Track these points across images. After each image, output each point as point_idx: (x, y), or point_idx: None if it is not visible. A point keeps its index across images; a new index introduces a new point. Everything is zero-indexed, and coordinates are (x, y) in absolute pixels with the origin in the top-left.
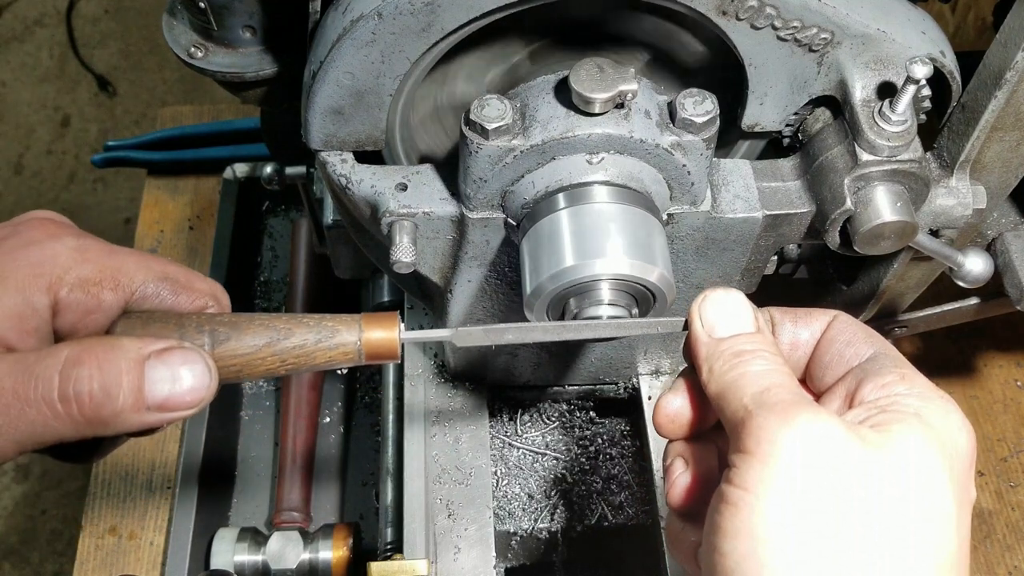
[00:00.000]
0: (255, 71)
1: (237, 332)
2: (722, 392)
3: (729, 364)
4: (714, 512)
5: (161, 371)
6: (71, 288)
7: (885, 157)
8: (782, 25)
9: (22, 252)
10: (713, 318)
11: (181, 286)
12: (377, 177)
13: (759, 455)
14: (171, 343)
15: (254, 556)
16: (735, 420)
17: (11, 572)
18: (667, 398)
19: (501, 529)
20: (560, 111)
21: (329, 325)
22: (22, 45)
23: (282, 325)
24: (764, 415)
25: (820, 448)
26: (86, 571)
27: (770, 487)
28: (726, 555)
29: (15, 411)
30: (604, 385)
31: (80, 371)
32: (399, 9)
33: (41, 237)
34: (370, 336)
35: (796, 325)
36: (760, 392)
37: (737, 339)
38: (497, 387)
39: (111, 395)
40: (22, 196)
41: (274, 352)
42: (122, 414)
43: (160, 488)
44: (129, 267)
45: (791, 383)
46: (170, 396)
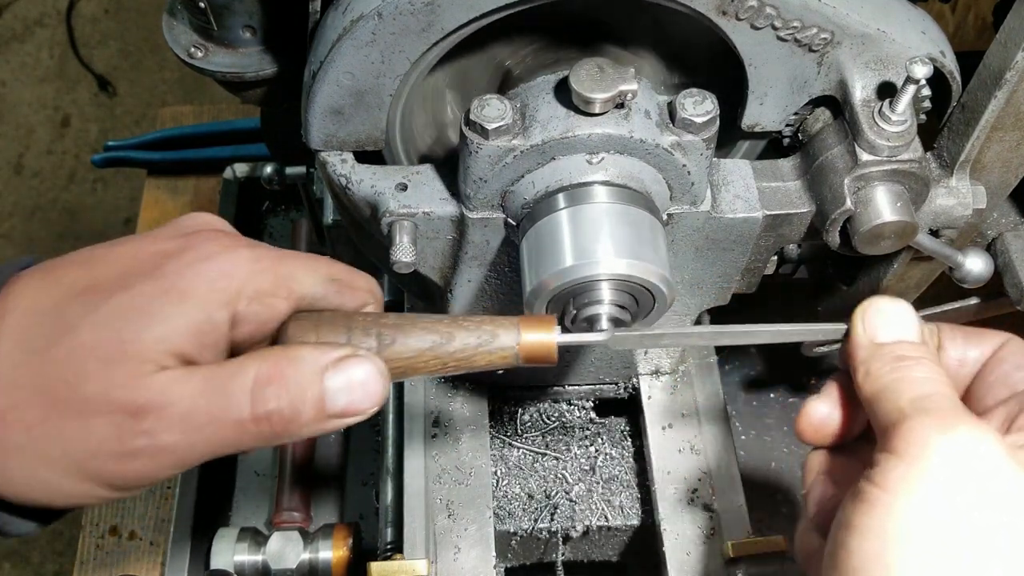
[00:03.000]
0: (255, 71)
1: (402, 335)
2: (878, 394)
3: (889, 367)
4: (846, 508)
5: (339, 380)
6: (249, 301)
7: (885, 157)
8: (782, 25)
9: (201, 267)
10: (876, 324)
11: (345, 286)
12: (377, 177)
13: (907, 456)
14: (346, 351)
15: (254, 556)
16: (887, 422)
17: (11, 572)
18: (814, 404)
19: (501, 529)
20: (560, 111)
21: (488, 328)
22: (22, 45)
23: (444, 328)
24: (920, 419)
25: (973, 460)
26: (86, 571)
27: (911, 489)
28: (852, 553)
29: (209, 431)
30: (604, 385)
31: (269, 391)
32: (399, 9)
33: (217, 250)
34: (528, 339)
35: (967, 343)
36: (919, 397)
37: (899, 344)
38: (497, 387)
39: (298, 411)
40: (22, 196)
41: (436, 356)
42: (306, 426)
43: (160, 488)
44: (299, 273)
45: (952, 394)
46: (349, 404)
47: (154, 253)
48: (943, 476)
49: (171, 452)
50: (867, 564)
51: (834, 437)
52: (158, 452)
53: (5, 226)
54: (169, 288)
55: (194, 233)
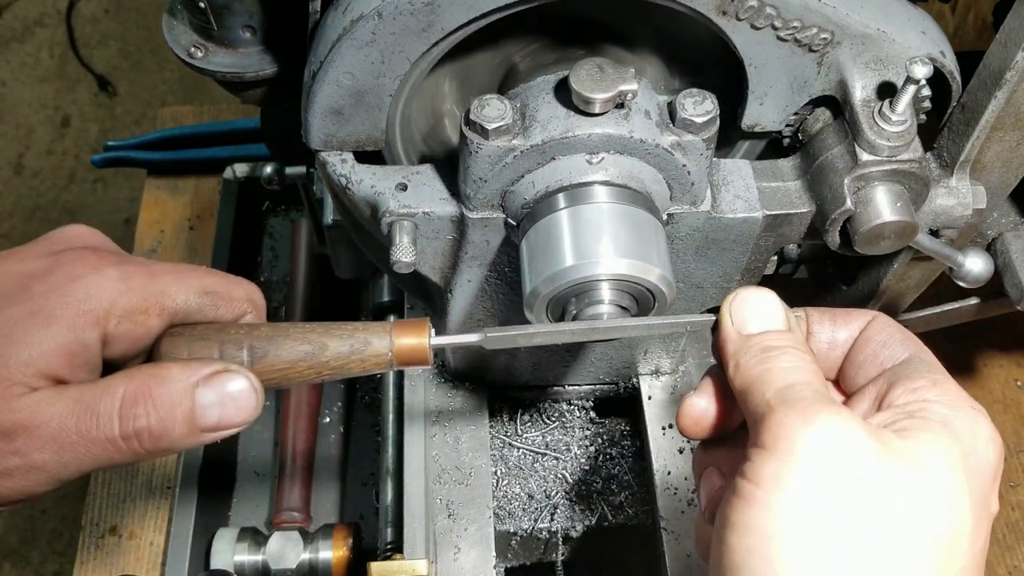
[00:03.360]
0: (255, 71)
1: (274, 347)
2: (747, 387)
3: (757, 359)
4: (725, 505)
5: (210, 396)
6: (119, 320)
7: (885, 157)
8: (782, 25)
9: (68, 287)
10: (744, 315)
11: (220, 298)
12: (377, 177)
13: (776, 452)
14: (217, 367)
15: (254, 556)
16: (756, 415)
17: (11, 572)
18: (692, 399)
19: (501, 529)
20: (560, 111)
21: (361, 336)
22: (22, 45)
23: (316, 338)
24: (784, 411)
25: (837, 450)
26: (86, 571)
27: (783, 485)
28: (733, 549)
29: (81, 449)
30: (604, 385)
31: (137, 409)
32: (399, 9)
33: (84, 270)
34: (401, 343)
35: (835, 325)
36: (784, 388)
37: (766, 335)
38: (497, 387)
39: (167, 428)
40: (22, 196)
41: (310, 366)
42: (178, 441)
43: (160, 488)
44: (171, 289)
45: (816, 381)
46: (221, 419)
47: (20, 274)
48: (810, 468)
49: (43, 470)
50: (748, 559)
51: (713, 429)
52: (30, 470)
53: (5, 226)
54: (36, 311)
55: (61, 252)
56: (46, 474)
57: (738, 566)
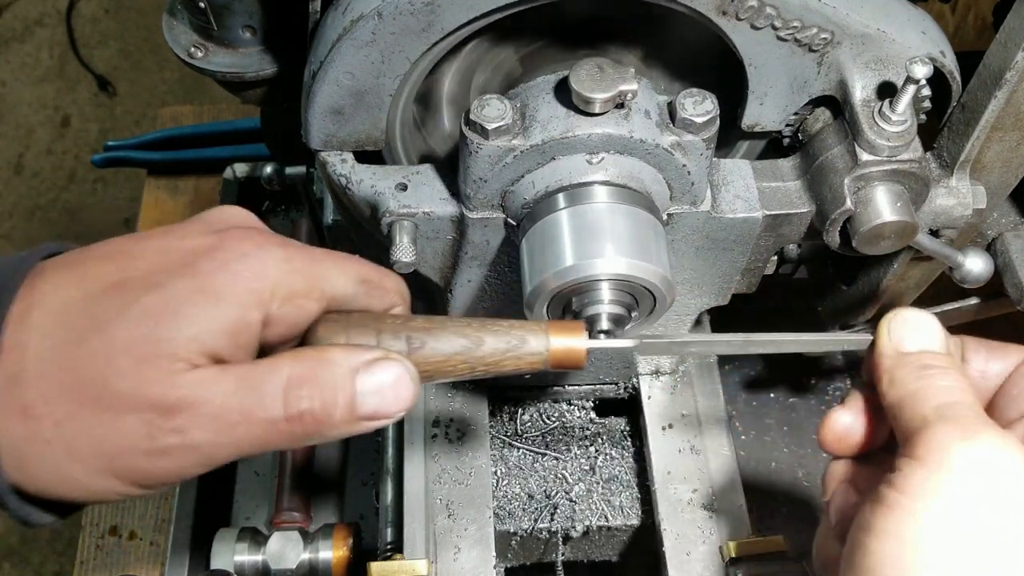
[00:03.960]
0: (255, 71)
1: (432, 339)
2: (901, 401)
3: (914, 375)
4: (866, 510)
5: (370, 383)
6: (281, 302)
7: (885, 157)
8: (782, 25)
9: (236, 267)
10: (902, 334)
11: (374, 286)
12: (377, 177)
13: (928, 463)
14: (377, 354)
15: (254, 556)
16: (910, 429)
17: (11, 572)
18: (836, 414)
19: (501, 529)
20: (560, 111)
21: (518, 333)
22: (22, 45)
23: (473, 333)
24: (943, 426)
25: (995, 468)
26: (86, 571)
27: (931, 494)
28: (870, 553)
29: (242, 429)
30: (604, 385)
31: (302, 391)
32: (399, 9)
33: (250, 249)
34: (557, 344)
35: (990, 356)
36: (942, 405)
37: (924, 354)
38: (497, 387)
39: (329, 412)
40: (22, 196)
41: (466, 360)
42: (337, 427)
43: None
44: (331, 274)
45: (975, 404)
46: (379, 407)
47: (186, 250)
48: (964, 483)
49: (200, 450)
50: (883, 565)
51: (856, 447)
52: (188, 450)
53: (5, 226)
54: (203, 287)
55: (226, 231)
56: (202, 454)
57: (871, 570)
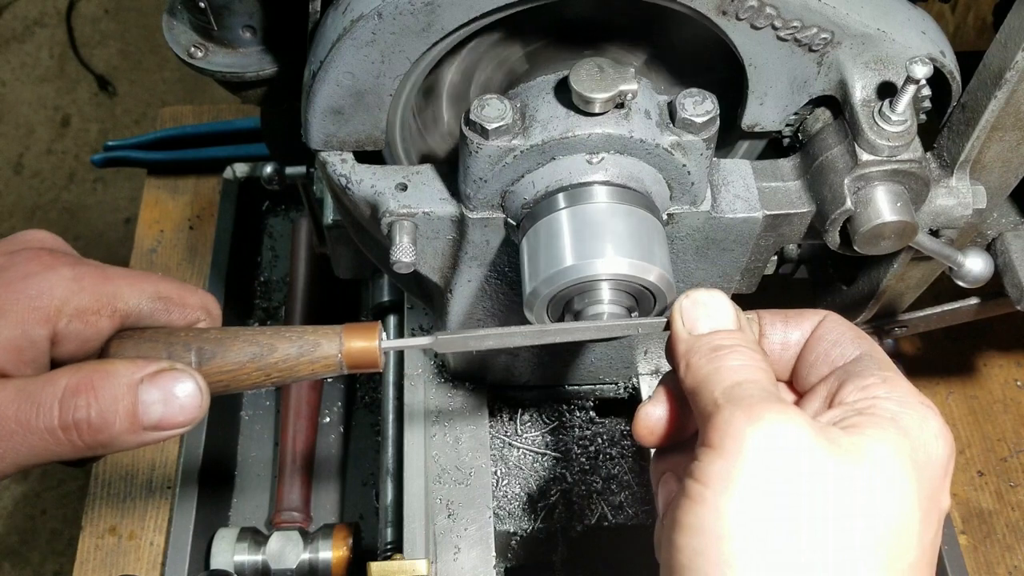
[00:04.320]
0: (255, 71)
1: (222, 349)
2: (697, 386)
3: (707, 358)
4: (674, 506)
5: (154, 393)
6: (69, 319)
7: (885, 157)
8: (782, 25)
9: (20, 285)
10: (694, 316)
11: (174, 303)
12: (377, 177)
13: (722, 451)
14: (162, 365)
15: (254, 556)
16: (705, 414)
17: (11, 572)
18: (646, 408)
19: (501, 529)
20: (560, 111)
21: (311, 338)
22: (22, 45)
23: (265, 340)
24: (731, 410)
25: (784, 448)
26: (86, 571)
27: (730, 484)
28: (680, 550)
29: (18, 438)
30: (604, 385)
31: (78, 400)
32: (399, 9)
33: (38, 269)
34: (351, 347)
35: (787, 326)
36: (731, 387)
37: (716, 335)
38: (497, 387)
39: (108, 421)
40: (22, 196)
41: (258, 367)
42: (119, 437)
43: (160, 488)
44: (124, 291)
45: (766, 380)
46: (163, 417)
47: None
48: (757, 467)
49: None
50: (696, 559)
51: (667, 437)
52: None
53: (5, 226)
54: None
55: (17, 251)
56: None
57: (686, 567)
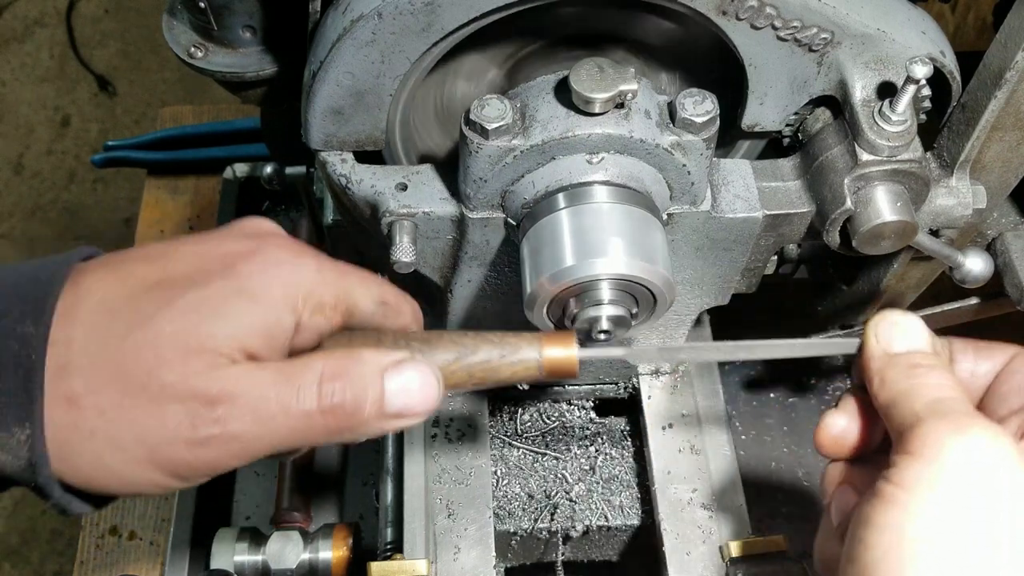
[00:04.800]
0: (255, 71)
1: (430, 347)
2: (893, 400)
3: (904, 375)
4: (864, 505)
5: (398, 382)
6: (312, 311)
7: (885, 157)
8: (782, 25)
9: (273, 271)
10: (890, 335)
11: (392, 309)
12: (377, 177)
13: (923, 456)
14: (404, 355)
15: (254, 556)
16: (903, 426)
17: (11, 572)
18: (831, 418)
19: (501, 529)
20: (560, 111)
21: (511, 342)
22: (22, 45)
23: (469, 342)
24: (935, 421)
25: (988, 460)
26: (86, 571)
27: (928, 487)
28: (870, 547)
29: (279, 421)
30: (604, 385)
31: (335, 384)
32: (399, 9)
33: (287, 257)
34: (550, 353)
35: (978, 356)
36: (934, 401)
37: (913, 355)
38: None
39: (360, 407)
40: (22, 196)
41: (462, 366)
42: (367, 422)
43: None
44: (357, 292)
45: (966, 399)
46: (405, 405)
47: (224, 254)
48: (958, 474)
49: (240, 441)
50: (883, 557)
51: (852, 449)
52: (227, 441)
53: (5, 226)
54: (241, 288)
55: (264, 236)
56: (241, 445)
57: (873, 562)
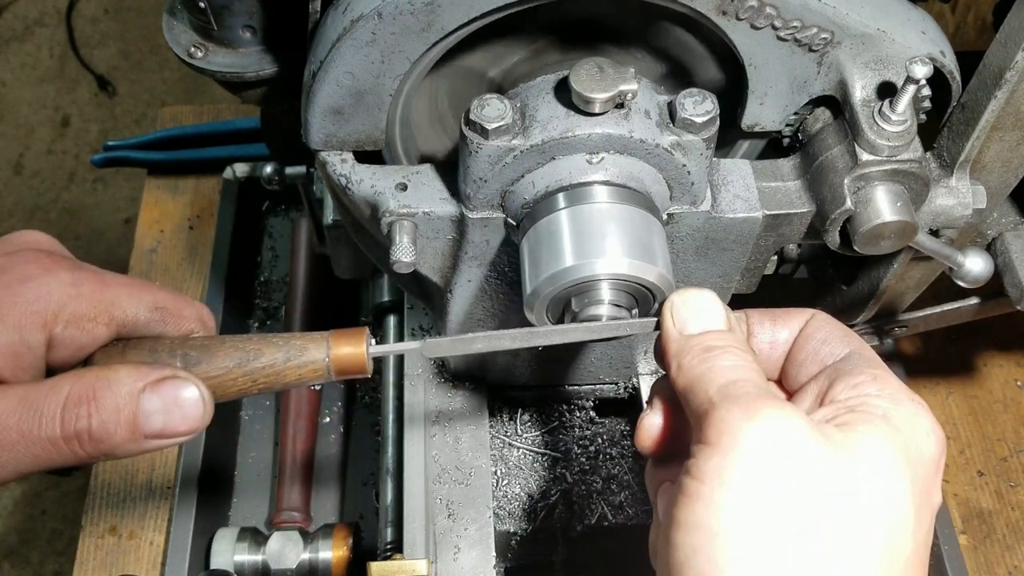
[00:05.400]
0: (255, 71)
1: (208, 355)
2: (690, 386)
3: (699, 359)
4: (670, 503)
5: (155, 402)
6: (65, 325)
7: (885, 157)
8: (782, 25)
9: (18, 288)
10: (684, 315)
11: (170, 314)
12: (377, 177)
13: (719, 447)
14: (165, 372)
15: (254, 556)
16: (699, 412)
17: (11, 572)
18: (649, 419)
19: (501, 529)
20: (560, 111)
21: (298, 344)
22: (22, 45)
23: (252, 346)
24: (727, 407)
25: (781, 443)
26: (86, 571)
27: (727, 480)
28: (678, 547)
29: (21, 448)
30: (604, 385)
31: (80, 411)
32: (399, 9)
33: (36, 272)
34: (338, 352)
35: (775, 325)
36: (726, 385)
37: (707, 335)
38: (497, 387)
39: (109, 432)
40: (22, 196)
41: (245, 372)
42: (120, 446)
43: (160, 488)
44: (122, 299)
45: (759, 379)
46: (165, 426)
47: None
48: (753, 462)
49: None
50: (692, 557)
51: (667, 445)
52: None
53: (5, 226)
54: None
55: (15, 253)
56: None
57: (683, 564)
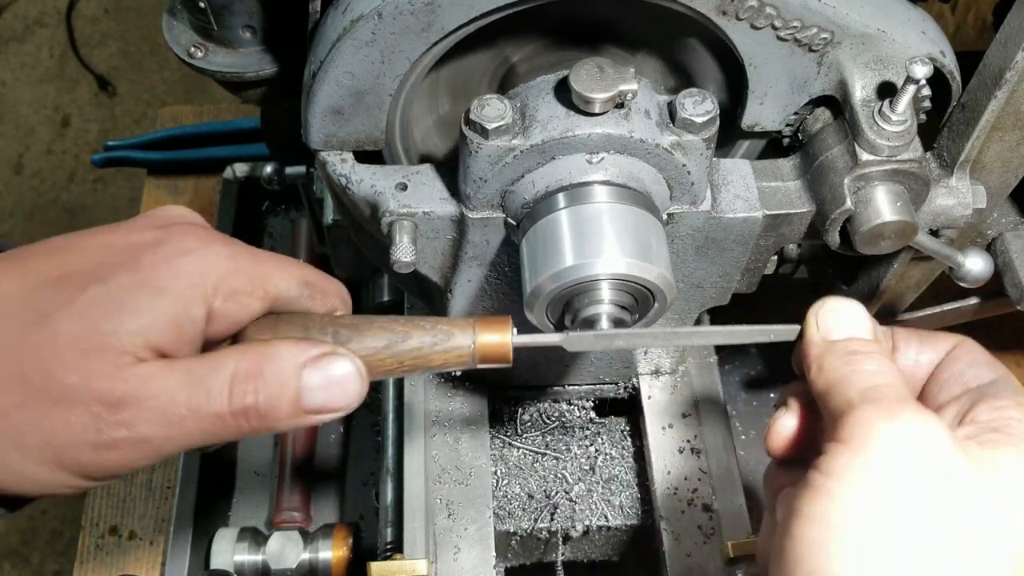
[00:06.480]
0: (255, 71)
1: (358, 334)
2: (830, 387)
3: (841, 361)
4: (794, 496)
5: (316, 378)
6: (225, 299)
7: (885, 157)
8: (782, 25)
9: (179, 261)
10: (829, 323)
11: (317, 290)
12: (377, 177)
13: (852, 444)
14: (325, 349)
15: (254, 556)
16: (837, 413)
17: (11, 572)
18: (782, 421)
19: (501, 529)
20: (560, 111)
21: (444, 328)
22: (22, 45)
23: (400, 328)
24: (867, 408)
25: (918, 448)
26: (86, 571)
27: (855, 476)
28: (797, 540)
29: (190, 423)
30: (604, 385)
31: (247, 386)
32: (399, 9)
33: (195, 245)
34: (484, 340)
35: (922, 346)
36: (868, 388)
37: (851, 341)
38: (497, 387)
39: (274, 407)
40: (22, 196)
41: (392, 354)
42: (282, 420)
43: (160, 488)
44: (274, 275)
45: (901, 386)
46: (325, 402)
47: (129, 244)
48: (887, 462)
49: (149, 444)
50: (810, 550)
51: (798, 449)
52: (136, 443)
53: (5, 226)
54: (146, 281)
55: (171, 226)
56: (151, 448)
57: (801, 557)
